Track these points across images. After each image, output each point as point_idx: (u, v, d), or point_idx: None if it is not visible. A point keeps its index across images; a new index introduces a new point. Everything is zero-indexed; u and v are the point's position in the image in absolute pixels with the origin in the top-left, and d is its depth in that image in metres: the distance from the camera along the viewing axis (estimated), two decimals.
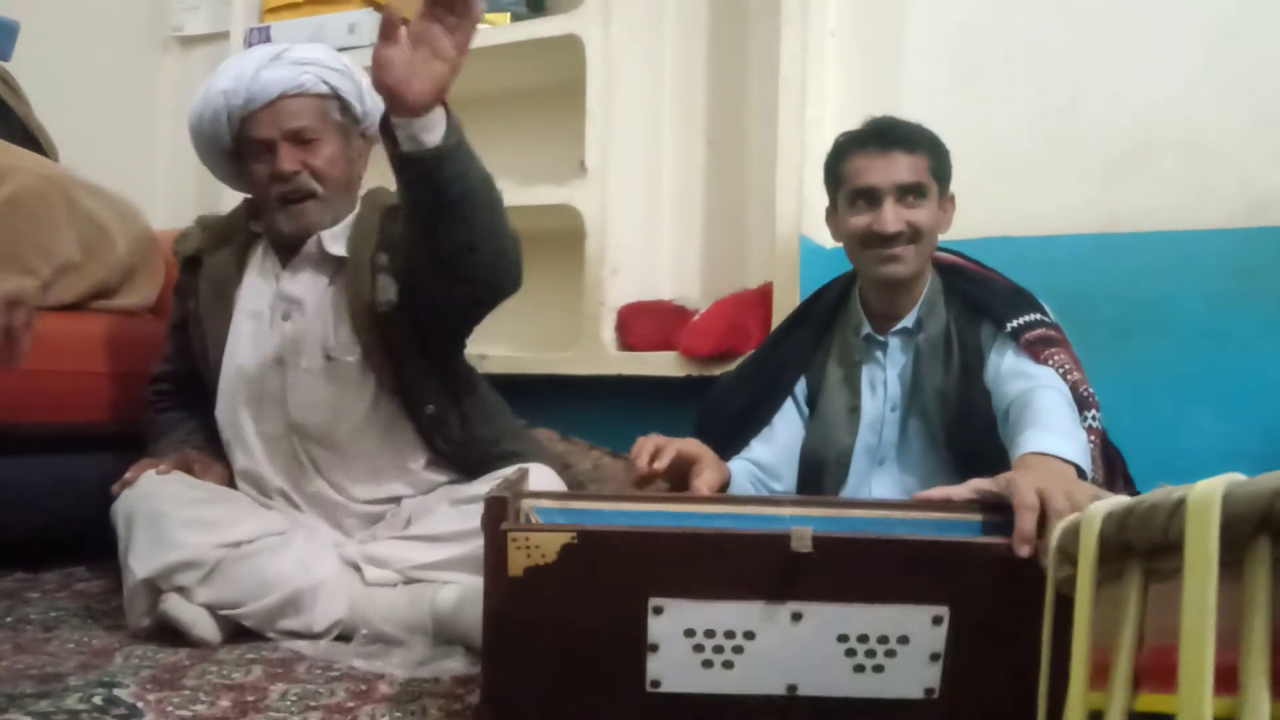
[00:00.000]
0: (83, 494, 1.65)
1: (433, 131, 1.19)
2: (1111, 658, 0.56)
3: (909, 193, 1.39)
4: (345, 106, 1.50)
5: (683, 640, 0.91)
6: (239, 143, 1.48)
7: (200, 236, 1.61)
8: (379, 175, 1.59)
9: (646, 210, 2.27)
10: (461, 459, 1.51)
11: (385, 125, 1.20)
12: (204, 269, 1.59)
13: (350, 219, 1.53)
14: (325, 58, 1.50)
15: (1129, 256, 1.89)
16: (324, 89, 1.48)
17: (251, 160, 1.48)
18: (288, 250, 1.53)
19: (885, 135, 1.42)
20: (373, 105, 1.53)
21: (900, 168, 1.39)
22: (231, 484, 1.54)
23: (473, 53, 2.33)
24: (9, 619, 1.44)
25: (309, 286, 1.52)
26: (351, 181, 1.55)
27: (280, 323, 1.51)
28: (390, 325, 1.46)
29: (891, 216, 1.39)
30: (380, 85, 1.15)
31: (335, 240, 1.51)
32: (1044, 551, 0.90)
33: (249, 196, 1.58)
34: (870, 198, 1.41)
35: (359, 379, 1.49)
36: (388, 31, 1.12)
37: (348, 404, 1.49)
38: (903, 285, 1.45)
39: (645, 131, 2.25)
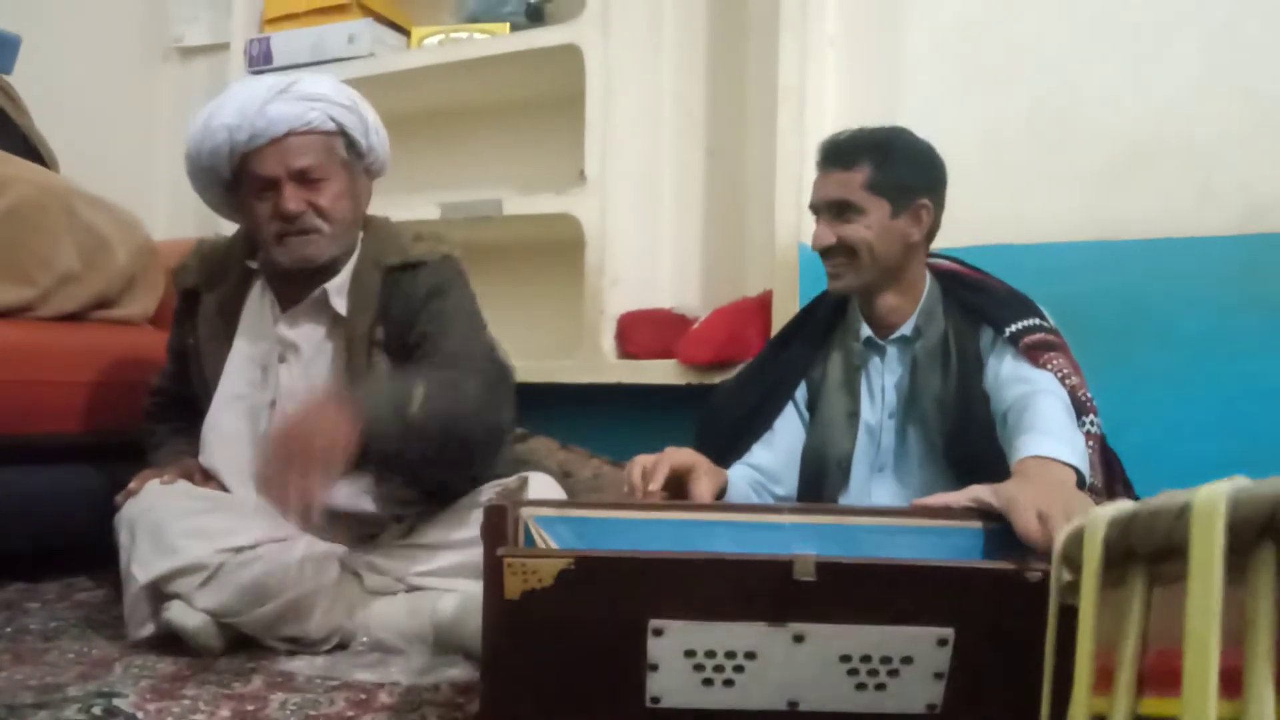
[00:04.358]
0: (83, 504, 1.65)
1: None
2: (1115, 661, 0.56)
3: (842, 209, 1.41)
4: (351, 143, 1.46)
5: (683, 660, 0.90)
6: (239, 177, 1.43)
7: (198, 270, 1.57)
8: (382, 192, 1.60)
9: (646, 219, 2.27)
10: (455, 495, 1.47)
11: None
12: (201, 307, 1.55)
13: (352, 266, 1.49)
14: (333, 93, 1.44)
15: (1128, 264, 1.89)
16: (331, 126, 1.42)
17: (252, 196, 1.42)
18: (287, 291, 1.50)
19: (824, 153, 1.45)
20: (378, 141, 1.50)
21: (830, 186, 1.42)
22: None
23: (473, 63, 2.37)
24: (8, 629, 1.43)
25: (307, 334, 1.49)
26: (357, 219, 1.51)
27: (276, 365, 1.49)
28: None
29: (817, 233, 1.44)
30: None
31: (338, 292, 1.47)
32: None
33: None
34: (815, 214, 1.46)
35: None
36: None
37: None
38: (873, 294, 1.45)
39: (645, 140, 2.25)
